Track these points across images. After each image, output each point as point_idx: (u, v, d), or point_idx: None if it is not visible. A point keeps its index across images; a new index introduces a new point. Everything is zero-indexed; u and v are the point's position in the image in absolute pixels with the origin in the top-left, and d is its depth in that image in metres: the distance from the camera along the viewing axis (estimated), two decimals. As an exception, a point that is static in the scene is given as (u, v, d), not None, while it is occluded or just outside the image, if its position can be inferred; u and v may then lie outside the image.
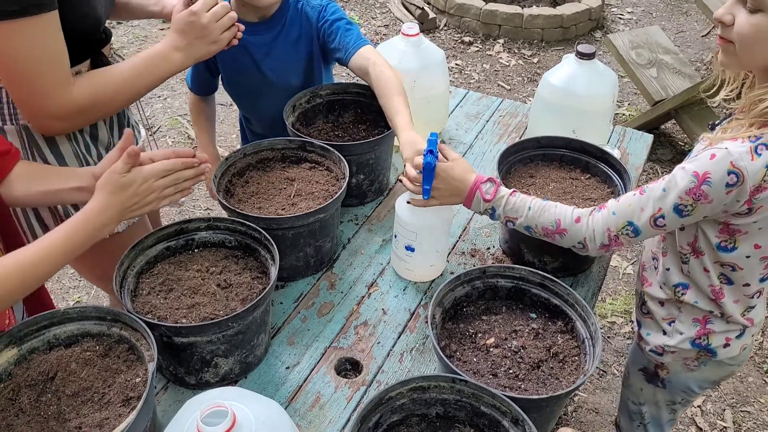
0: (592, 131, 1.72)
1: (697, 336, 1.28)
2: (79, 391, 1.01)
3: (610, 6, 4.98)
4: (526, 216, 1.23)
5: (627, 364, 1.53)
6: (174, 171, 1.11)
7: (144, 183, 1.07)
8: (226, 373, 1.18)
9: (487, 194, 1.25)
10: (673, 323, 1.31)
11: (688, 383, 1.38)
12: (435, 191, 1.28)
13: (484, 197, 1.25)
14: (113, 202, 1.04)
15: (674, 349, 1.31)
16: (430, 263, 1.41)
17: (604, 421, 2.18)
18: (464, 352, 1.15)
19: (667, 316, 1.32)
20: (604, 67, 1.72)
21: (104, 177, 1.05)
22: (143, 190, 1.07)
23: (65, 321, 1.08)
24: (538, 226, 1.23)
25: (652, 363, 1.40)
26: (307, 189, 1.43)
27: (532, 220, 1.23)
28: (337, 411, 1.16)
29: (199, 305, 1.15)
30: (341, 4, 4.96)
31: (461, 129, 1.97)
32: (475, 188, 1.26)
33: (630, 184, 1.42)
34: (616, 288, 2.72)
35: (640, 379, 1.46)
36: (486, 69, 4.24)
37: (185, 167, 1.13)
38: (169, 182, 1.12)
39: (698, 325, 1.27)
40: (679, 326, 1.30)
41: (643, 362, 1.43)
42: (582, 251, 1.25)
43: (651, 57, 3.41)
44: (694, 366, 1.33)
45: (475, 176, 1.28)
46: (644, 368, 1.43)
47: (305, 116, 1.68)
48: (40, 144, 1.27)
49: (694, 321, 1.28)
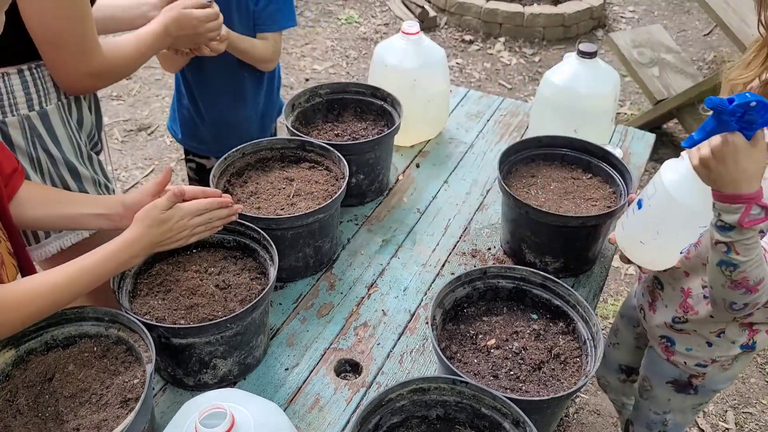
0: (594, 131, 1.71)
1: (748, 339, 1.27)
2: (77, 393, 1.01)
3: (612, 5, 4.97)
4: (748, 260, 1.02)
5: (646, 377, 1.48)
6: (210, 210, 1.14)
7: (181, 220, 1.10)
8: (225, 374, 1.17)
9: (748, 219, 0.99)
10: (722, 334, 1.27)
11: (719, 383, 1.37)
12: (717, 158, 0.97)
13: (742, 221, 0.99)
14: (149, 235, 1.07)
15: (724, 357, 1.30)
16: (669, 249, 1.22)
17: (605, 423, 2.17)
18: (465, 353, 1.14)
19: (715, 329, 1.27)
20: (606, 66, 1.72)
21: (144, 210, 1.08)
22: (178, 227, 1.10)
23: (63, 322, 1.07)
24: (745, 272, 1.03)
25: (685, 374, 1.37)
26: (306, 189, 1.42)
27: (747, 264, 1.02)
28: (336, 413, 1.15)
29: (198, 306, 1.14)
30: (341, 2, 4.95)
31: (462, 128, 1.96)
32: (752, 199, 0.98)
33: (632, 184, 1.41)
34: (618, 289, 2.71)
35: (668, 391, 1.42)
36: (487, 68, 4.23)
37: (220, 206, 1.16)
38: (203, 221, 1.14)
39: (746, 328, 1.26)
40: (730, 335, 1.26)
41: (674, 375, 1.39)
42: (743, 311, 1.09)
43: (653, 56, 3.40)
44: (728, 365, 1.32)
45: (759, 188, 0.99)
46: (674, 380, 1.40)
47: (305, 116, 1.68)
48: (41, 132, 1.27)
49: (742, 326, 1.25)
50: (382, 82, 1.76)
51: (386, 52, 1.79)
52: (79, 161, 1.33)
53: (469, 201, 1.68)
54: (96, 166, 1.40)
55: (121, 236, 1.07)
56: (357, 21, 4.69)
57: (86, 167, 1.35)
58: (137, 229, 1.07)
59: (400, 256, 1.50)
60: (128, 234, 1.07)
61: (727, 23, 3.21)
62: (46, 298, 0.98)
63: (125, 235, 1.07)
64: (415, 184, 1.73)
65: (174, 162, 3.32)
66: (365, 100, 1.71)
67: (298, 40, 4.35)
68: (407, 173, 1.77)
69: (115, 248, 1.05)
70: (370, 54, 4.12)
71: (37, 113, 1.25)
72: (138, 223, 1.07)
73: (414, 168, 1.79)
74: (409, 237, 1.56)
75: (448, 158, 1.83)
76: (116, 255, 1.04)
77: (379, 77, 1.80)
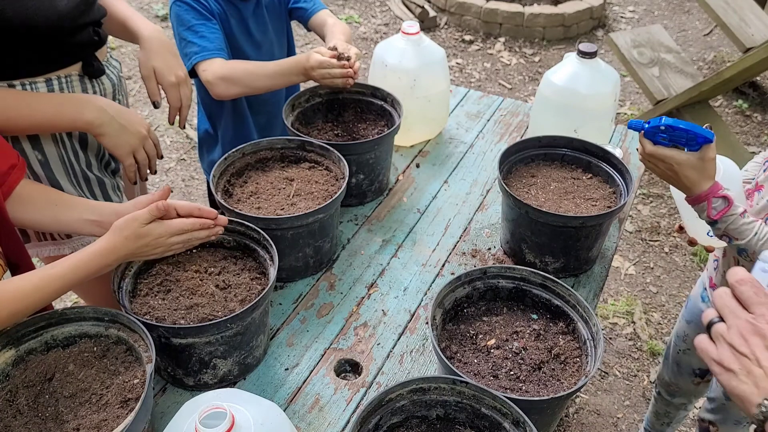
0: (594, 130, 1.71)
1: None
2: (77, 393, 1.01)
3: (612, 5, 4.97)
4: (748, 240, 1.17)
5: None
6: (191, 231, 1.14)
7: (159, 237, 1.10)
8: (225, 374, 1.17)
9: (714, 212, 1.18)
10: None
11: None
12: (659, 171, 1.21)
13: (710, 214, 1.18)
14: (125, 247, 1.06)
15: None
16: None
17: (605, 423, 2.17)
18: (465, 353, 1.14)
19: None
20: (606, 66, 1.71)
21: (124, 221, 1.07)
22: (155, 243, 1.10)
23: (63, 322, 1.07)
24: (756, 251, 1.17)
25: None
26: (306, 189, 1.42)
27: (752, 244, 1.17)
28: (336, 413, 1.15)
29: (198, 306, 1.14)
30: (341, 2, 4.95)
31: (462, 128, 1.96)
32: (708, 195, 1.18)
33: (632, 184, 1.41)
34: (618, 289, 2.71)
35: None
36: (487, 68, 4.23)
37: (201, 228, 1.15)
38: (182, 240, 1.14)
39: None
40: None
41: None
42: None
43: (653, 56, 3.40)
44: None
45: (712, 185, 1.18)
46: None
47: (304, 115, 1.68)
48: (22, 144, 1.25)
49: None
50: (382, 82, 1.76)
51: (386, 52, 1.79)
52: (69, 180, 1.32)
53: (469, 201, 1.68)
54: (95, 187, 1.37)
55: (95, 244, 1.05)
56: (357, 21, 4.69)
57: (76, 187, 1.33)
58: (114, 239, 1.05)
59: (400, 256, 1.50)
60: (104, 243, 1.05)
61: (727, 23, 3.22)
62: (10, 304, 0.97)
63: (100, 244, 1.05)
64: (415, 184, 1.73)
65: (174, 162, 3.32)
66: (365, 100, 1.71)
67: (298, 40, 4.35)
68: (407, 173, 1.77)
69: (87, 257, 1.03)
70: (370, 54, 4.12)
71: None
72: (116, 232, 1.06)
73: (414, 168, 1.79)
74: (409, 237, 1.56)
75: (448, 158, 1.83)
76: (88, 264, 1.03)
77: (379, 77, 1.80)
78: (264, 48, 1.79)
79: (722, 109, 3.84)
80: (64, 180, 1.31)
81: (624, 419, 2.20)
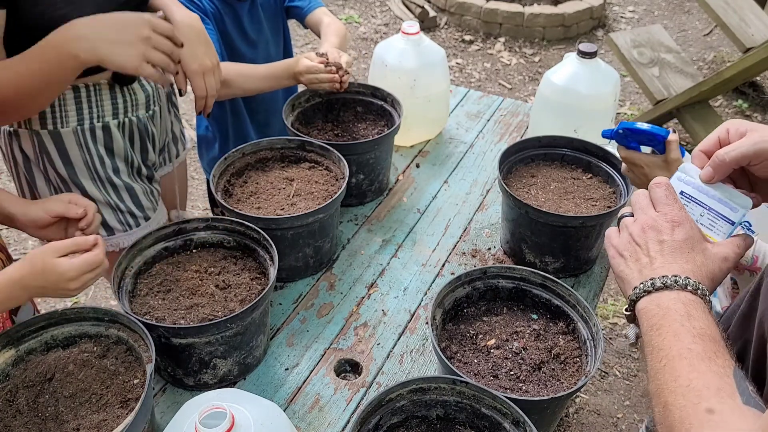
0: (594, 130, 1.70)
1: None
2: (77, 393, 1.01)
3: (612, 5, 4.97)
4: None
5: None
6: (99, 264, 1.04)
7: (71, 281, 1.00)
8: (225, 374, 1.17)
9: None
10: None
11: None
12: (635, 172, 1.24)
13: None
14: (35, 281, 0.98)
15: None
16: None
17: (605, 423, 2.17)
18: (465, 353, 1.14)
19: None
20: (606, 66, 1.71)
21: (41, 252, 0.99)
22: (67, 282, 1.00)
23: (63, 322, 1.07)
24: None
25: None
26: (306, 189, 1.42)
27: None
28: (336, 413, 1.15)
29: (198, 306, 1.14)
30: (341, 2, 4.95)
31: (462, 128, 1.96)
32: None
33: (632, 184, 1.41)
34: (618, 289, 2.71)
35: None
36: (487, 68, 4.23)
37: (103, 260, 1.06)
38: (93, 276, 1.04)
39: None
40: None
41: None
42: None
43: (653, 56, 3.40)
44: None
45: None
46: None
47: (304, 115, 1.68)
48: (50, 151, 1.28)
49: None
50: (382, 82, 1.76)
51: (386, 52, 1.79)
52: (95, 184, 1.35)
53: (469, 201, 1.68)
54: (122, 192, 1.38)
55: (3, 272, 0.98)
56: (357, 21, 4.69)
57: (101, 191, 1.36)
58: (24, 270, 0.97)
59: (400, 256, 1.50)
60: (13, 272, 0.98)
61: (727, 23, 3.22)
62: None
63: (9, 273, 0.98)
64: (415, 184, 1.73)
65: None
66: (365, 100, 1.71)
67: (297, 40, 4.35)
68: (407, 173, 1.77)
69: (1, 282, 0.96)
70: (370, 54, 4.12)
71: (48, 132, 1.27)
72: (27, 263, 0.98)
73: (414, 168, 1.79)
74: (409, 237, 1.56)
75: (448, 158, 1.83)
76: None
77: (379, 77, 1.80)
78: (259, 47, 1.79)
79: (722, 109, 3.84)
80: (87, 182, 1.34)
81: (624, 419, 2.20)
